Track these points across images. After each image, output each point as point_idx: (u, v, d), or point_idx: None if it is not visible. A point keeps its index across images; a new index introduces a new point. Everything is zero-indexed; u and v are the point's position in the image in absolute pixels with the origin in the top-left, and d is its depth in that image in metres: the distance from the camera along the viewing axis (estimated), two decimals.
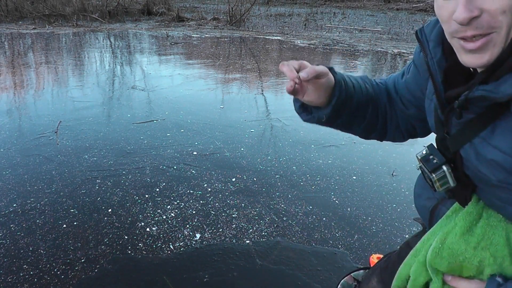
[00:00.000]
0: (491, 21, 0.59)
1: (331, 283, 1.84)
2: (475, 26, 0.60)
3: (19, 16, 11.99)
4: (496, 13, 0.58)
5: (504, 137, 0.64)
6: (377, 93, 0.99)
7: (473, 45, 0.62)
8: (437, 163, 0.77)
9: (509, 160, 0.64)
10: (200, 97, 4.78)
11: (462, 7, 0.59)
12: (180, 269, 1.92)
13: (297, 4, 19.31)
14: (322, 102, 0.88)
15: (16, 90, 4.94)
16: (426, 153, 0.80)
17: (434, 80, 0.77)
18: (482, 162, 0.69)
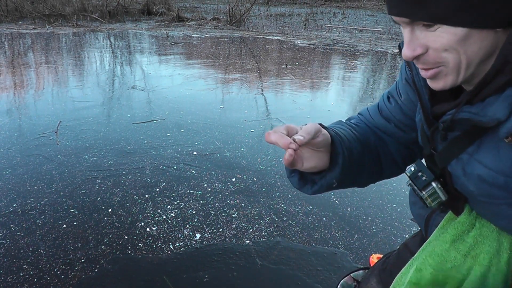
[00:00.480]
0: (436, 57, 0.61)
1: (331, 283, 1.84)
2: (422, 62, 0.63)
3: (19, 16, 11.99)
4: (439, 50, 0.60)
5: (488, 153, 0.64)
6: (364, 136, 0.91)
7: (425, 73, 0.65)
8: (426, 180, 0.76)
9: (491, 175, 0.64)
10: (200, 97, 4.78)
11: (406, 46, 0.62)
12: (180, 269, 1.92)
13: (297, 4, 19.31)
14: (325, 165, 0.77)
15: (16, 90, 4.94)
16: (415, 170, 0.79)
17: (421, 97, 0.77)
18: (469, 178, 0.69)
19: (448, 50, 0.60)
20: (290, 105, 4.55)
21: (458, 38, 0.58)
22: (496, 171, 0.63)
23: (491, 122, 0.59)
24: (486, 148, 0.64)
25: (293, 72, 6.19)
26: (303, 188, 0.81)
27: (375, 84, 5.86)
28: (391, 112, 0.93)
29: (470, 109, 0.62)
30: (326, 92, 5.24)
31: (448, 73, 0.63)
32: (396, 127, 0.93)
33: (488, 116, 0.59)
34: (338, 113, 4.35)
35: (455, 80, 0.64)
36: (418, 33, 0.61)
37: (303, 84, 5.57)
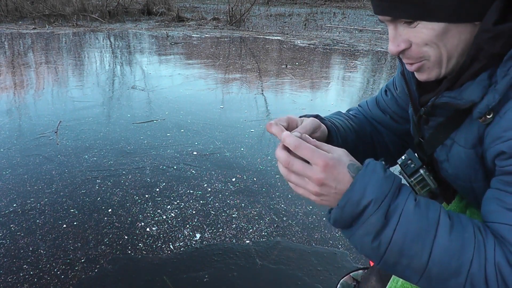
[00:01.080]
0: (418, 52, 0.66)
1: (331, 283, 1.84)
2: (406, 56, 0.68)
3: (19, 16, 11.99)
4: (420, 45, 0.64)
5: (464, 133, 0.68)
6: (360, 126, 0.96)
7: (410, 67, 0.70)
8: (414, 167, 0.80)
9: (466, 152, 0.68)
10: (200, 97, 4.78)
11: (391, 42, 0.67)
12: (180, 269, 1.92)
13: (297, 4, 19.31)
14: None
15: (16, 90, 4.94)
16: (405, 158, 0.82)
17: (409, 87, 0.81)
18: (450, 162, 0.73)
19: (428, 45, 0.64)
20: (290, 105, 4.55)
21: (437, 33, 0.62)
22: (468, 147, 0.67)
23: (466, 104, 0.63)
24: (463, 129, 0.69)
25: (293, 72, 6.19)
26: None
27: (375, 84, 5.86)
28: (387, 104, 0.97)
29: (450, 94, 0.67)
30: (326, 92, 5.24)
31: (430, 67, 0.67)
32: (391, 118, 0.98)
33: (464, 99, 0.63)
34: None
35: (438, 73, 0.68)
36: (401, 30, 0.66)
37: (303, 84, 5.57)
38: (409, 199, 0.59)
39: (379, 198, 0.57)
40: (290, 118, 0.75)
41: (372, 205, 0.57)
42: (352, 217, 0.59)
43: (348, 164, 0.61)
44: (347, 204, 0.59)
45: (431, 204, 0.60)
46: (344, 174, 0.60)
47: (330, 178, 0.60)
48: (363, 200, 0.58)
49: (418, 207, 0.58)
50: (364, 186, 0.58)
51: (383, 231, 0.57)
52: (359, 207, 0.58)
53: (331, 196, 0.61)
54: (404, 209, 0.57)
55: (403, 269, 0.58)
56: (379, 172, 0.59)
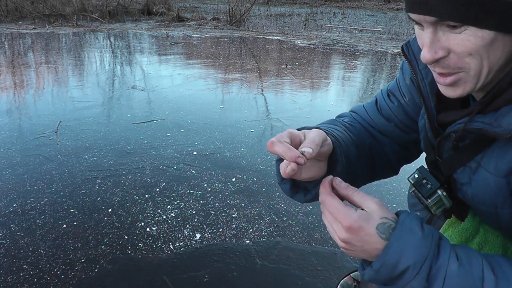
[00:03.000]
0: (458, 62, 0.58)
1: (331, 283, 1.84)
2: (442, 65, 0.59)
3: (19, 16, 11.99)
4: (462, 55, 0.57)
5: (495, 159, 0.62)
6: (359, 138, 0.87)
7: (443, 80, 0.61)
8: (432, 188, 0.74)
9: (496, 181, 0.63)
10: (200, 97, 4.78)
11: (427, 48, 0.58)
12: (180, 269, 1.92)
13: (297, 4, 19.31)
14: (323, 174, 0.73)
15: (16, 90, 4.94)
16: (419, 177, 0.76)
17: (426, 103, 0.74)
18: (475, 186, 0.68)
19: (472, 55, 0.56)
20: (290, 105, 4.55)
21: (485, 42, 0.54)
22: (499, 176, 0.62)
23: (506, 133, 0.57)
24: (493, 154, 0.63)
25: (293, 72, 6.19)
26: (295, 196, 0.76)
27: (375, 84, 5.86)
28: (393, 111, 0.89)
29: (483, 119, 0.60)
30: (326, 92, 5.24)
31: (467, 80, 0.59)
32: (396, 127, 0.90)
33: (503, 127, 0.57)
34: (338, 113, 4.34)
35: (474, 88, 0.60)
36: (440, 35, 0.57)
37: (303, 84, 5.57)
38: (451, 258, 0.55)
39: (418, 262, 0.53)
40: (292, 133, 0.68)
41: (411, 270, 0.53)
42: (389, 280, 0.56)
43: (378, 225, 0.56)
44: (382, 267, 0.55)
45: (473, 258, 0.56)
46: (371, 236, 0.56)
47: (354, 239, 0.57)
48: (400, 265, 0.54)
49: (461, 266, 0.54)
50: (401, 249, 0.54)
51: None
52: (396, 271, 0.54)
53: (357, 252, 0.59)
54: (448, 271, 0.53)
55: None
56: (417, 233, 0.55)
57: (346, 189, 0.61)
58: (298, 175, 0.69)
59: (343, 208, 0.58)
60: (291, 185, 0.75)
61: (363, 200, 0.60)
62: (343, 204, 0.59)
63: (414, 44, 0.79)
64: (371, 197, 0.59)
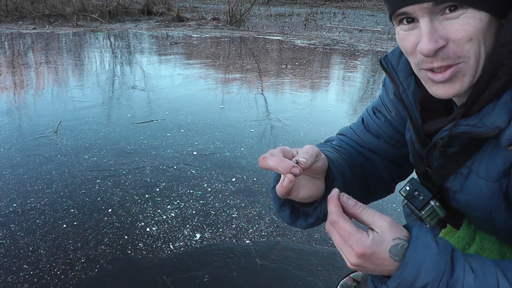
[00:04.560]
0: (458, 51, 0.56)
1: (331, 283, 1.84)
2: (441, 57, 0.57)
3: (19, 16, 11.99)
4: (462, 42, 0.55)
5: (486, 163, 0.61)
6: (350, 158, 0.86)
7: (441, 76, 0.58)
8: (424, 200, 0.73)
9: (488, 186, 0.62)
10: (200, 97, 4.78)
11: (427, 38, 0.55)
12: (180, 269, 1.92)
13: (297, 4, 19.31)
14: (321, 193, 0.70)
15: (16, 90, 4.94)
16: (410, 189, 0.76)
17: (411, 115, 0.73)
18: (467, 192, 0.67)
19: (472, 40, 0.54)
20: (290, 105, 4.55)
21: (483, 25, 0.53)
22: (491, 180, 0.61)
23: (491, 131, 0.56)
24: (483, 159, 0.62)
25: (293, 72, 6.19)
26: (295, 223, 0.72)
27: (375, 84, 5.86)
28: (381, 128, 0.88)
29: (468, 121, 0.60)
30: (326, 92, 5.24)
31: (466, 72, 0.58)
32: (386, 143, 0.88)
33: (487, 126, 0.57)
34: (338, 113, 4.35)
35: (471, 82, 0.59)
36: (437, 25, 0.56)
37: (303, 84, 5.57)
38: (466, 270, 0.54)
39: (436, 278, 0.52)
40: (284, 149, 0.64)
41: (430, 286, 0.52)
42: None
43: (391, 248, 0.54)
44: (400, 286, 0.54)
45: (486, 268, 0.55)
46: (384, 260, 0.55)
47: (366, 263, 0.56)
48: (418, 282, 0.53)
49: (477, 278, 0.53)
50: (418, 266, 0.53)
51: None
52: None
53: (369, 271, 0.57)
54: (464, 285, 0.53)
55: None
56: (433, 247, 0.54)
57: (354, 207, 0.58)
58: (295, 195, 0.66)
59: (355, 232, 0.55)
60: (290, 212, 0.72)
61: (373, 220, 0.57)
62: (356, 228, 0.56)
63: (392, 57, 0.78)
64: (382, 215, 0.57)
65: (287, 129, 3.72)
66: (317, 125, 3.92)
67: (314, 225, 0.72)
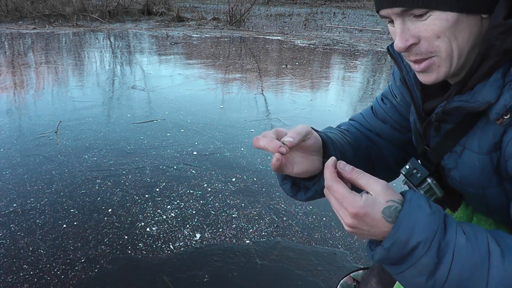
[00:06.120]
0: (429, 47, 0.62)
1: (331, 283, 1.84)
2: (414, 52, 0.64)
3: (19, 16, 11.99)
4: (431, 39, 0.61)
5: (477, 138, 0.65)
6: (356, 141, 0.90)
7: (417, 67, 0.66)
8: (421, 177, 0.77)
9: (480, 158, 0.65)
10: (200, 97, 4.78)
11: (398, 37, 0.63)
12: (180, 269, 1.92)
13: (297, 4, 19.31)
14: (317, 170, 0.74)
15: (16, 90, 4.94)
16: (409, 168, 0.80)
17: (412, 94, 0.78)
18: (461, 169, 0.70)
19: (441, 37, 0.61)
20: (290, 105, 4.55)
21: (449, 24, 0.59)
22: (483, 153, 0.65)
23: (482, 105, 0.60)
24: (475, 135, 0.65)
25: (293, 72, 6.19)
26: (296, 195, 0.78)
27: (375, 84, 5.86)
28: (387, 113, 0.93)
29: (461, 98, 0.64)
30: (326, 92, 5.24)
31: (440, 64, 0.64)
32: (392, 127, 0.93)
33: (479, 101, 0.61)
34: (338, 113, 4.35)
35: (448, 71, 0.64)
36: (409, 24, 0.62)
37: (303, 84, 5.57)
38: (458, 232, 0.56)
39: (428, 238, 0.54)
40: (278, 130, 0.70)
41: (422, 246, 0.54)
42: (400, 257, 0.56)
43: (384, 209, 0.56)
44: (393, 246, 0.56)
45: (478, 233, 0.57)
46: (378, 221, 0.57)
47: (361, 224, 0.58)
48: (411, 241, 0.54)
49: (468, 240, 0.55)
50: (411, 226, 0.54)
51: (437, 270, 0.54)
52: (407, 248, 0.55)
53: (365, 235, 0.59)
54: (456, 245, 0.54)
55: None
56: (425, 208, 0.56)
57: (351, 172, 0.61)
58: (290, 170, 0.72)
59: (348, 194, 0.58)
60: (291, 185, 0.77)
61: (368, 183, 0.59)
62: (349, 191, 0.59)
63: None
64: (377, 179, 0.59)
65: (287, 129, 3.72)
66: (317, 125, 3.88)
67: (313, 198, 0.77)
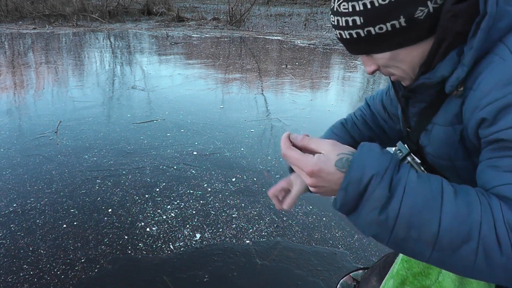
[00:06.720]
0: (385, 72, 0.76)
1: (331, 283, 1.84)
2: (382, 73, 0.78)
3: (19, 16, 11.99)
4: (384, 67, 0.75)
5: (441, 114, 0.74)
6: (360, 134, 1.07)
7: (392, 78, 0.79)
8: (402, 155, 0.85)
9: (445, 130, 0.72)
10: (200, 97, 4.78)
11: (364, 66, 0.78)
12: (180, 269, 1.92)
13: (297, 4, 19.30)
14: None
15: (16, 90, 4.94)
16: (395, 150, 0.88)
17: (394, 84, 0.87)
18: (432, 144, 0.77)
19: (388, 66, 0.74)
20: (290, 105, 4.55)
21: (388, 58, 0.72)
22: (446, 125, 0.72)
23: (438, 79, 0.68)
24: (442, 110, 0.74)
25: (293, 72, 6.19)
26: None
27: (375, 84, 5.86)
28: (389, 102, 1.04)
29: (424, 76, 0.72)
30: (326, 92, 5.24)
31: (403, 78, 0.76)
32: (389, 117, 1.05)
33: (436, 76, 0.69)
34: (338, 113, 4.35)
35: (411, 80, 0.75)
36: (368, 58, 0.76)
37: (303, 84, 5.57)
38: (410, 171, 0.59)
39: (380, 171, 0.57)
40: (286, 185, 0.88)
41: (374, 179, 0.57)
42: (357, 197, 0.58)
43: (336, 162, 0.60)
44: (349, 184, 0.58)
45: (432, 176, 0.60)
46: (333, 174, 0.60)
47: (319, 181, 0.61)
48: (364, 177, 0.57)
49: (420, 177, 0.58)
50: (363, 164, 0.58)
51: (389, 203, 0.56)
52: (362, 184, 0.57)
53: (328, 192, 0.62)
54: (407, 181, 0.57)
55: (413, 244, 0.56)
56: (376, 150, 0.60)
57: (302, 140, 0.65)
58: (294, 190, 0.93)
59: (301, 156, 0.62)
60: None
61: (318, 145, 0.63)
62: (302, 154, 0.63)
63: None
64: (325, 140, 0.63)
65: (287, 129, 3.72)
66: (317, 125, 3.92)
67: None
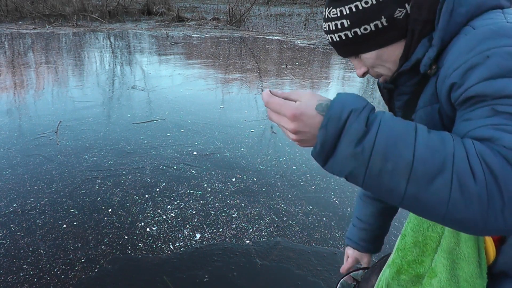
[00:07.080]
0: (373, 72, 0.84)
1: (331, 283, 1.84)
2: (372, 75, 0.85)
3: (19, 16, 11.99)
4: (372, 67, 0.83)
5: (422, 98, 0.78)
6: None
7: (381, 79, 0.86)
8: None
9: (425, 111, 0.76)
10: (200, 97, 4.78)
11: (355, 68, 0.86)
12: (180, 269, 1.92)
13: (297, 4, 19.30)
14: None
15: (16, 90, 4.94)
16: None
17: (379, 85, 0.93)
18: None
19: (375, 67, 0.81)
20: None
21: (375, 57, 0.79)
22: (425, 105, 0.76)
23: (413, 61, 0.74)
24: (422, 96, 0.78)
25: (293, 72, 6.19)
26: None
27: (375, 84, 5.86)
28: None
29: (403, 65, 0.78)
30: (326, 92, 5.24)
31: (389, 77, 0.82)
32: None
33: (411, 60, 0.75)
34: None
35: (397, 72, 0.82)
36: (358, 61, 0.84)
37: (303, 84, 5.57)
38: (386, 112, 0.62)
39: (358, 108, 0.60)
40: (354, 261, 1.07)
41: (353, 114, 0.59)
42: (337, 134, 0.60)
43: (316, 106, 0.62)
44: (329, 121, 0.60)
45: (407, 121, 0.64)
46: (314, 117, 0.62)
47: (301, 126, 0.63)
48: (343, 113, 0.60)
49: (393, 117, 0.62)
50: (342, 102, 0.61)
51: (365, 136, 0.58)
52: (341, 120, 0.60)
53: (310, 139, 0.64)
54: (383, 118, 0.60)
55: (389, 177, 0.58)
56: (353, 94, 0.64)
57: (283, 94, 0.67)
58: None
59: (283, 102, 0.64)
60: None
61: (298, 95, 0.65)
62: (283, 100, 0.65)
63: None
64: (304, 90, 0.66)
65: None
66: None
67: None
